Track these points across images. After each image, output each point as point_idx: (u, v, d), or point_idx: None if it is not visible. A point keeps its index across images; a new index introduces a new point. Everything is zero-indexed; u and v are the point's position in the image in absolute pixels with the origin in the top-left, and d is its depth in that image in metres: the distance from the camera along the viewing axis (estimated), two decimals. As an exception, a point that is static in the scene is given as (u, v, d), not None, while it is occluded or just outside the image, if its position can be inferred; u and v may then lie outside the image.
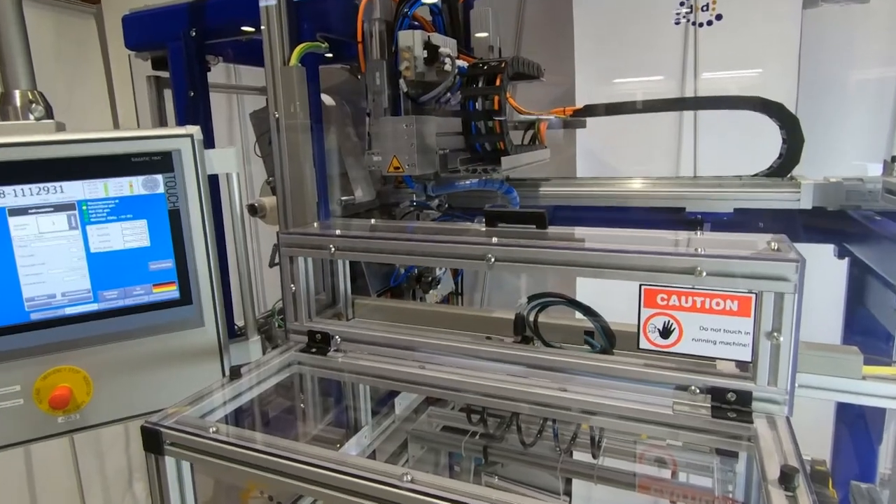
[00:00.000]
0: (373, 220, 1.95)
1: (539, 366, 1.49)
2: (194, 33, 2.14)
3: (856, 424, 2.02)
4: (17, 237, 1.60)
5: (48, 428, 1.67)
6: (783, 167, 2.27)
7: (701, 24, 3.30)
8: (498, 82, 1.83)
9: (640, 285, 1.31)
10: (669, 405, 1.32)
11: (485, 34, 2.29)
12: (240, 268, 1.99)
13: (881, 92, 3.32)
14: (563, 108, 2.44)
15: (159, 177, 1.75)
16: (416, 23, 2.05)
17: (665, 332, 1.30)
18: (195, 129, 1.80)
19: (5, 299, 1.61)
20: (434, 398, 2.25)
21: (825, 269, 2.05)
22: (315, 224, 1.89)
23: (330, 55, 2.00)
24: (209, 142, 2.09)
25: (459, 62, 1.89)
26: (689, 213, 2.20)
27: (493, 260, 1.45)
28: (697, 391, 1.32)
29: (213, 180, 1.93)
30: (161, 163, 1.75)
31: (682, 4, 3.35)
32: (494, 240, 1.47)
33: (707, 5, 3.30)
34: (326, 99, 2.26)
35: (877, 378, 1.32)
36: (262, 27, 1.82)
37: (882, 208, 1.97)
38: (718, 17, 3.29)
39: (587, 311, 1.57)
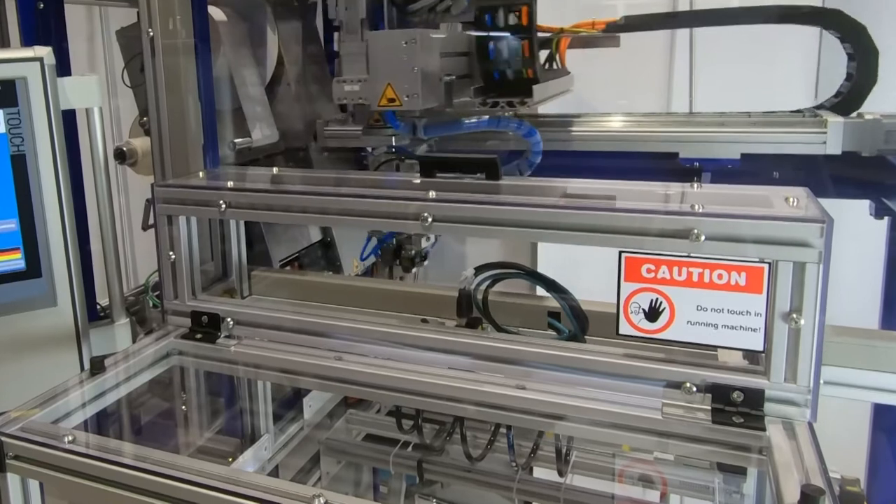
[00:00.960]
0: (275, 169, 1.92)
1: (490, 356, 1.46)
2: (43, -77, 2.08)
3: (898, 433, 2.09)
4: None
5: None
6: (850, 99, 2.19)
7: None
8: None
9: (620, 253, 1.29)
10: (658, 407, 1.30)
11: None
12: (103, 231, 1.97)
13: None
14: (592, 20, 2.33)
15: (-1, 112, 1.72)
16: None
17: (652, 314, 1.28)
18: (45, 52, 1.78)
19: None
20: (354, 398, 2.23)
21: (859, 231, 2.03)
22: (200, 174, 1.86)
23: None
24: (64, 68, 2.05)
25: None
26: (684, 160, 2.18)
27: (430, 220, 1.43)
28: (694, 389, 1.29)
29: (70, 117, 1.92)
30: (1, 94, 1.73)
31: None
32: (432, 194, 1.45)
33: None
34: (215, 13, 2.23)
35: (925, 373, 1.31)
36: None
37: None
38: None
39: (552, 286, 1.55)
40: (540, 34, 2.16)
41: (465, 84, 1.86)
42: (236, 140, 2.19)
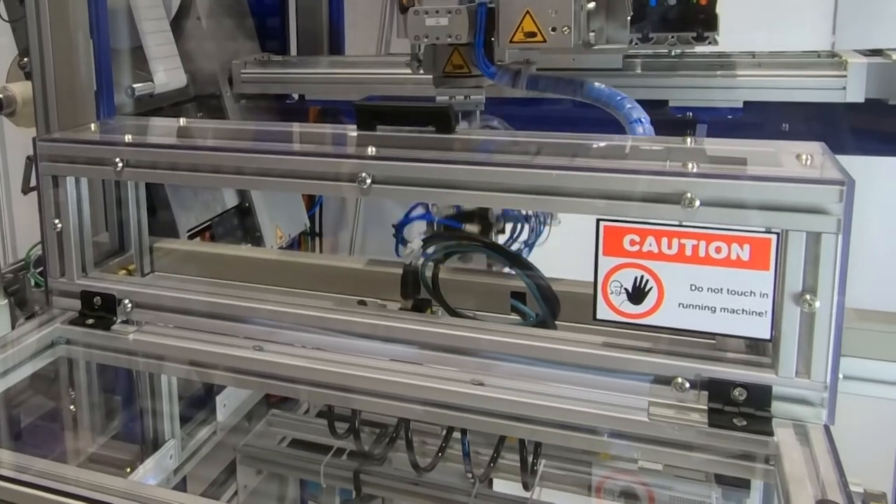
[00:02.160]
0: (182, 120, 1.91)
1: (441, 346, 1.45)
2: None
3: (933, 438, 2.08)
4: None
5: None
6: None
7: None
8: None
9: (598, 221, 1.27)
10: (643, 407, 1.28)
11: None
12: (-26, 195, 2.03)
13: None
14: None
15: None
16: None
17: (637, 295, 1.27)
18: None
19: None
20: (277, 396, 2.25)
21: (885, 194, 2.01)
22: (92, 126, 1.84)
23: None
24: (-74, -1, 2.09)
25: None
26: (675, 109, 2.20)
27: (369, 182, 1.41)
28: (687, 386, 1.28)
29: (-67, 58, 1.97)
30: None
31: None
32: (371, 150, 1.43)
33: None
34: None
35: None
36: None
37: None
38: None
39: (515, 260, 1.56)
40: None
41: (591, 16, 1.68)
42: (136, 85, 2.19)
